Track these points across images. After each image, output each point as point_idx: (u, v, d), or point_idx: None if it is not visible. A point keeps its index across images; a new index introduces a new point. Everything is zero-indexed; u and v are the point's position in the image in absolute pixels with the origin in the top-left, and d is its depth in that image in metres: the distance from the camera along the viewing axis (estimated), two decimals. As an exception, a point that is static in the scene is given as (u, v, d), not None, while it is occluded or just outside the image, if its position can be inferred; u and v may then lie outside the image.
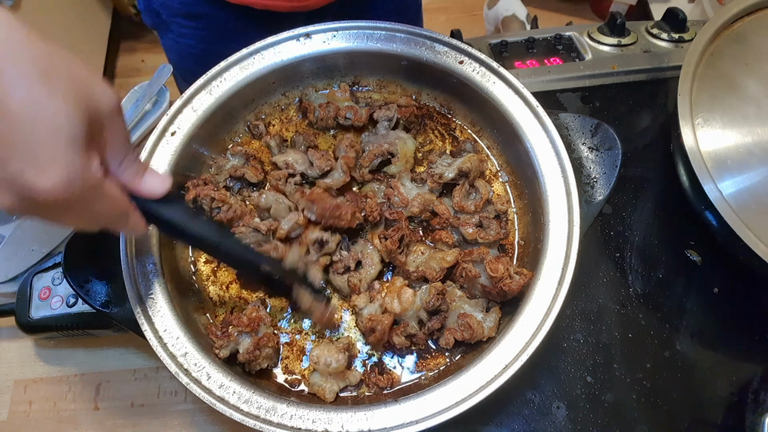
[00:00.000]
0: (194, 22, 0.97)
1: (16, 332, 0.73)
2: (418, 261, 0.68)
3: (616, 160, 0.73)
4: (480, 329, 0.62)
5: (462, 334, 0.62)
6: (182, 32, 0.99)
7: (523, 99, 0.72)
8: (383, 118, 0.77)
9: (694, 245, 0.77)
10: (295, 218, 0.67)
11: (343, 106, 0.78)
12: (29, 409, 0.74)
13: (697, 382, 0.70)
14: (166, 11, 0.97)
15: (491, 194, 0.72)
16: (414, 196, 0.71)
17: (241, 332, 0.63)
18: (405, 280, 0.67)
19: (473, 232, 0.68)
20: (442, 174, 0.71)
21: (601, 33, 0.94)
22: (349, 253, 0.68)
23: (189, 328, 0.62)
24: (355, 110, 0.77)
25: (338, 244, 0.69)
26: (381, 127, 0.77)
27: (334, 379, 0.62)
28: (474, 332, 0.61)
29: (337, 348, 0.63)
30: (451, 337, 0.62)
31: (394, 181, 0.73)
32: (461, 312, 0.64)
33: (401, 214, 0.69)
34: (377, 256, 0.68)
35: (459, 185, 0.71)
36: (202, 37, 0.99)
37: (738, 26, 0.76)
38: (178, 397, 0.74)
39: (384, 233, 0.68)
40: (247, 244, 0.64)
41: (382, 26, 0.76)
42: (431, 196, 0.72)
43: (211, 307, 0.69)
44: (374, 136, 0.77)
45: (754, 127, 0.69)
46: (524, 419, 0.67)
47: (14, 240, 0.83)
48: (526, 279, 0.62)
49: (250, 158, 0.75)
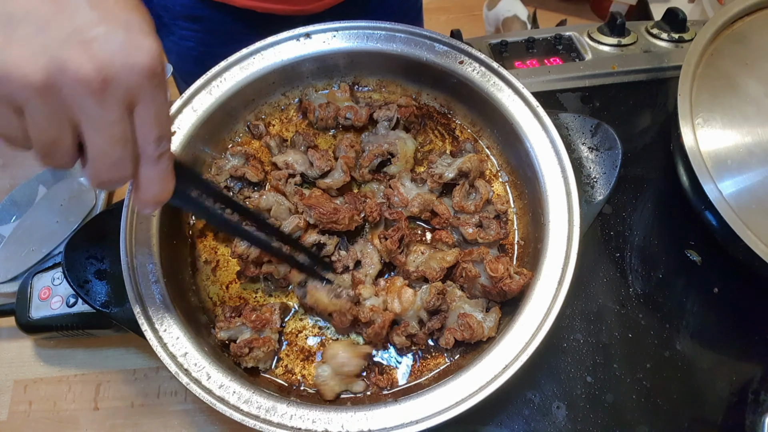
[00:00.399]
0: (195, 25, 0.97)
1: (16, 332, 0.73)
2: (418, 261, 0.68)
3: (616, 160, 0.73)
4: (480, 329, 0.62)
5: (462, 334, 0.62)
6: (183, 35, 0.99)
7: (523, 99, 0.72)
8: (383, 118, 0.77)
9: (694, 245, 0.77)
10: (296, 222, 0.67)
11: (343, 106, 0.78)
12: (29, 409, 0.74)
13: (697, 382, 0.69)
14: (167, 14, 0.97)
15: (491, 194, 0.72)
16: (414, 196, 0.71)
17: (243, 324, 0.63)
18: (405, 280, 0.67)
19: (473, 232, 0.68)
20: (442, 174, 0.71)
21: (601, 33, 0.94)
22: (347, 253, 0.69)
23: (189, 328, 0.62)
24: (355, 110, 0.77)
25: (336, 245, 0.69)
26: (381, 127, 0.77)
27: (340, 380, 0.62)
28: (474, 332, 0.61)
29: (357, 353, 0.63)
30: (451, 337, 0.62)
31: (393, 182, 0.73)
32: (461, 312, 0.64)
33: (401, 215, 0.69)
34: (376, 255, 0.68)
35: (459, 185, 0.71)
36: (202, 40, 0.98)
37: (738, 26, 0.76)
38: (178, 397, 0.74)
39: (384, 233, 0.68)
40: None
41: (382, 26, 0.76)
42: (431, 196, 0.72)
43: (211, 307, 0.69)
44: (374, 136, 0.77)
45: (754, 127, 0.69)
46: (524, 419, 0.67)
47: (14, 240, 0.83)
48: (526, 279, 0.62)
49: (250, 158, 0.75)
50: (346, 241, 0.70)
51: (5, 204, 0.87)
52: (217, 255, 0.72)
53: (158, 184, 0.45)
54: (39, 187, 0.88)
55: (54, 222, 0.84)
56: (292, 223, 0.67)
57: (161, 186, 0.46)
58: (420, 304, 0.64)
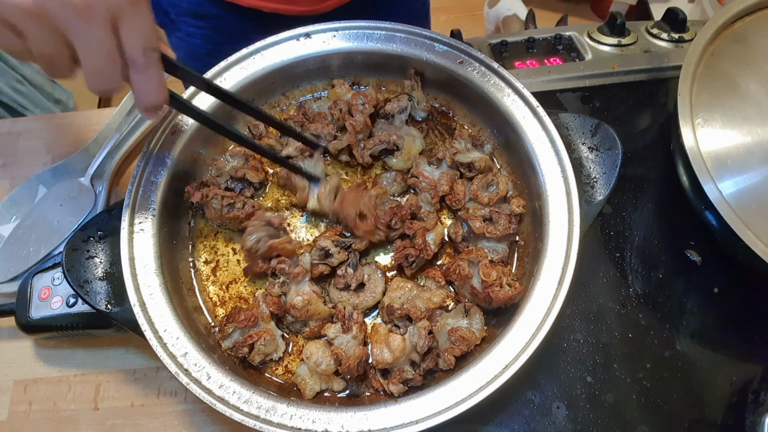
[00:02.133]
0: (202, 22, 0.97)
1: (16, 332, 0.73)
2: (404, 298, 0.66)
3: (616, 160, 0.73)
4: (473, 336, 0.62)
5: (460, 348, 0.62)
6: (190, 31, 0.99)
7: (523, 99, 0.72)
8: (397, 110, 0.77)
9: (694, 245, 0.77)
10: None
11: (349, 97, 0.78)
12: (29, 409, 0.74)
13: (697, 382, 0.70)
14: (175, 10, 0.97)
15: (510, 192, 0.72)
16: (439, 176, 0.72)
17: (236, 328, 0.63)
18: (388, 324, 0.66)
19: (480, 226, 0.68)
20: (458, 152, 0.72)
21: (601, 33, 0.94)
22: (354, 272, 0.68)
23: (189, 328, 0.62)
24: (364, 94, 0.77)
25: (344, 262, 0.68)
26: (398, 119, 0.78)
27: (318, 379, 0.62)
28: (469, 341, 0.62)
29: (331, 352, 0.62)
30: (451, 357, 0.61)
31: (416, 168, 0.73)
32: (449, 328, 0.63)
33: (421, 230, 0.68)
34: (381, 286, 0.68)
35: (482, 174, 0.72)
36: (209, 37, 0.99)
37: (738, 26, 0.76)
38: (178, 397, 0.74)
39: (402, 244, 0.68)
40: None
41: (382, 26, 0.76)
42: (454, 172, 0.73)
43: (211, 307, 0.70)
44: (388, 126, 0.78)
45: (754, 127, 0.69)
46: (524, 419, 0.67)
47: (14, 240, 0.83)
48: (515, 292, 0.62)
49: (250, 158, 0.75)
50: (358, 259, 0.69)
51: (5, 204, 0.86)
52: (217, 255, 0.72)
53: (152, 91, 0.52)
54: (39, 187, 0.88)
55: (54, 222, 0.84)
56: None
57: (154, 92, 0.52)
58: (410, 348, 0.62)
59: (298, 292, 0.65)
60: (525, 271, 0.68)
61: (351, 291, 0.67)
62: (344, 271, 0.68)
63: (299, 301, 0.64)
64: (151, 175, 0.69)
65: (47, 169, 0.89)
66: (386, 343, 0.61)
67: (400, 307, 0.64)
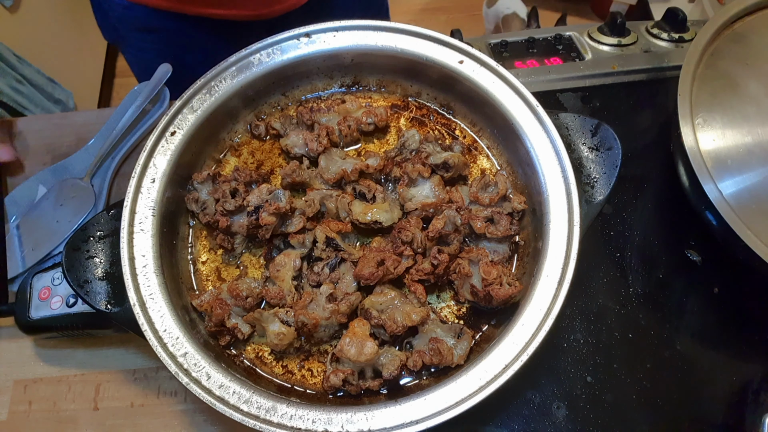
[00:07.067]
0: (152, 36, 0.94)
1: (16, 332, 0.73)
2: (384, 305, 0.64)
3: (616, 160, 0.73)
4: (450, 355, 0.61)
5: (431, 358, 0.61)
6: (141, 46, 0.96)
7: (523, 99, 0.72)
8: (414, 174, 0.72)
9: (694, 245, 0.77)
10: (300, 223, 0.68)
11: (359, 114, 0.77)
12: (29, 409, 0.74)
13: (697, 382, 0.70)
14: (123, 26, 0.94)
15: (509, 190, 0.72)
16: (427, 191, 0.71)
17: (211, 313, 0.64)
18: (372, 327, 0.64)
19: (482, 227, 0.68)
20: (429, 154, 0.72)
21: (601, 33, 0.94)
22: (329, 274, 0.66)
23: (189, 328, 0.62)
24: (374, 111, 0.76)
25: (326, 262, 0.67)
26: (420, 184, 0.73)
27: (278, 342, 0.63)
28: (443, 358, 0.60)
29: (280, 323, 0.63)
30: (419, 359, 0.61)
31: (434, 200, 0.70)
32: (433, 336, 0.63)
33: (444, 259, 0.66)
34: (354, 287, 0.66)
35: (478, 177, 0.71)
36: (161, 51, 0.96)
37: (738, 26, 0.76)
38: (178, 397, 0.74)
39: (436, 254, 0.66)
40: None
41: (382, 26, 0.76)
42: (438, 178, 0.72)
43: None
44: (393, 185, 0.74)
45: (754, 127, 0.69)
46: (524, 419, 0.67)
47: (14, 240, 0.83)
48: (514, 291, 0.62)
49: (216, 177, 0.72)
50: (338, 262, 0.67)
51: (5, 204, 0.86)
52: (217, 255, 0.72)
53: None
54: (39, 187, 0.88)
55: (54, 222, 0.84)
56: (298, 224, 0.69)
57: None
58: (375, 361, 0.61)
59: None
60: (525, 270, 0.68)
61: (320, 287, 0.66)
62: (321, 269, 0.67)
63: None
64: (151, 175, 0.69)
65: (47, 169, 0.89)
66: (360, 343, 0.60)
67: (377, 316, 0.63)
